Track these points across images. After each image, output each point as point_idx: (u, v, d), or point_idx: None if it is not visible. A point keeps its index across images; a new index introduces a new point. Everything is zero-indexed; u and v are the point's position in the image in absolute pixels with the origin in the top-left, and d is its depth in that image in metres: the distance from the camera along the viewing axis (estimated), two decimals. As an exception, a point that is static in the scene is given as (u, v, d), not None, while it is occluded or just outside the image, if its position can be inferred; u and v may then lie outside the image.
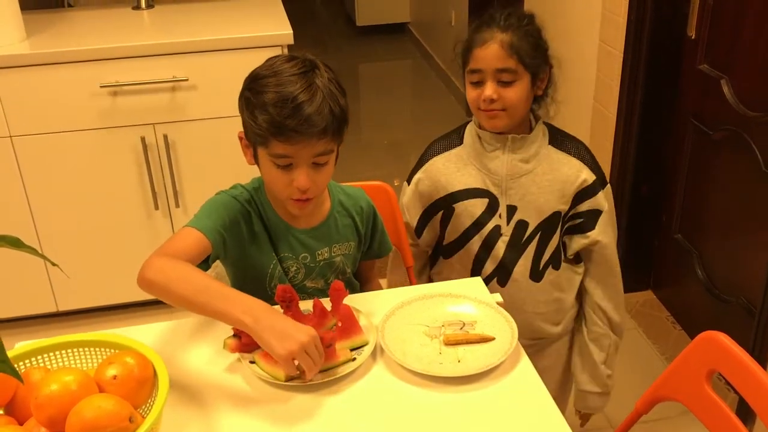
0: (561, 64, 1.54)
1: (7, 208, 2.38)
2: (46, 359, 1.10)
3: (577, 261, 1.66)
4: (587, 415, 1.77)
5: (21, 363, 1.08)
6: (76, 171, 2.39)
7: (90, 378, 1.00)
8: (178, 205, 2.51)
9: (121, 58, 2.29)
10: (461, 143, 1.59)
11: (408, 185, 1.64)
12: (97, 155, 2.39)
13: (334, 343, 1.20)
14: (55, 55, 2.25)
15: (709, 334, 1.21)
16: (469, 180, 1.56)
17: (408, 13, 5.81)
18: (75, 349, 1.11)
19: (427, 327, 1.30)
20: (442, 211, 1.61)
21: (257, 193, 1.38)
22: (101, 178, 2.42)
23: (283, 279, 1.39)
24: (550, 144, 1.56)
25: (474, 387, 1.17)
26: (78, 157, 2.37)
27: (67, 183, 2.40)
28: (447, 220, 1.61)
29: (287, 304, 1.24)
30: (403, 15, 5.81)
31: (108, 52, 2.28)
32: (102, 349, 1.11)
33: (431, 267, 1.75)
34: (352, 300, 1.35)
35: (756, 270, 2.00)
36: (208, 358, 1.24)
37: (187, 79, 2.34)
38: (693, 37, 2.25)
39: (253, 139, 1.28)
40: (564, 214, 1.58)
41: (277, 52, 2.32)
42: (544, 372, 1.70)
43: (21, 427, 1.00)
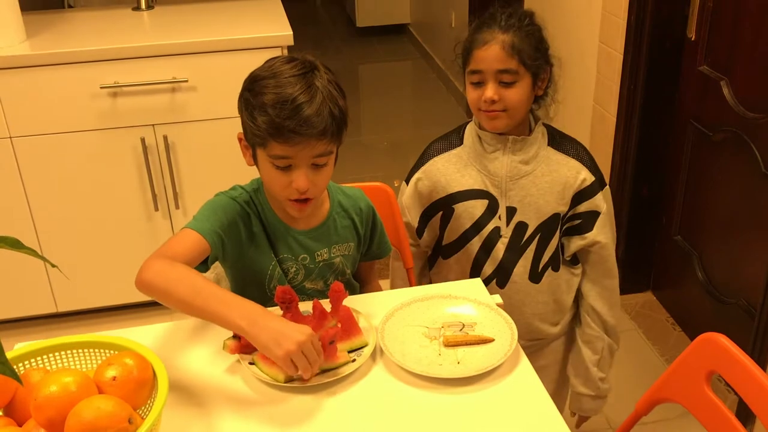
0: (561, 64, 1.54)
1: (6, 208, 2.38)
2: (46, 360, 1.10)
3: (574, 262, 1.65)
4: (583, 418, 1.77)
5: (20, 364, 1.08)
6: (76, 172, 2.39)
7: (89, 379, 1.00)
8: (177, 206, 2.51)
9: (121, 59, 2.29)
10: (461, 144, 1.58)
11: (407, 184, 1.64)
12: (97, 156, 2.39)
13: (336, 339, 1.20)
14: (55, 56, 2.25)
15: (709, 336, 1.21)
16: (469, 181, 1.56)
17: (408, 14, 5.81)
18: (74, 350, 1.11)
19: (426, 328, 1.30)
20: (441, 212, 1.61)
21: (256, 194, 1.38)
22: (101, 179, 2.42)
23: (282, 280, 1.39)
24: (549, 145, 1.56)
25: (473, 388, 1.17)
26: (78, 158, 2.37)
27: (66, 184, 2.40)
28: (446, 220, 1.61)
29: (287, 306, 1.24)
30: (403, 16, 5.81)
31: (108, 53, 2.28)
32: (101, 350, 1.11)
33: (430, 267, 1.75)
34: (352, 301, 1.35)
35: (756, 271, 1.99)
36: (207, 360, 1.24)
37: (187, 80, 2.34)
38: (693, 38, 2.25)
39: (252, 140, 1.28)
40: (563, 216, 1.58)
41: (277, 54, 2.32)
42: (541, 371, 1.70)
43: (20, 428, 1.00)
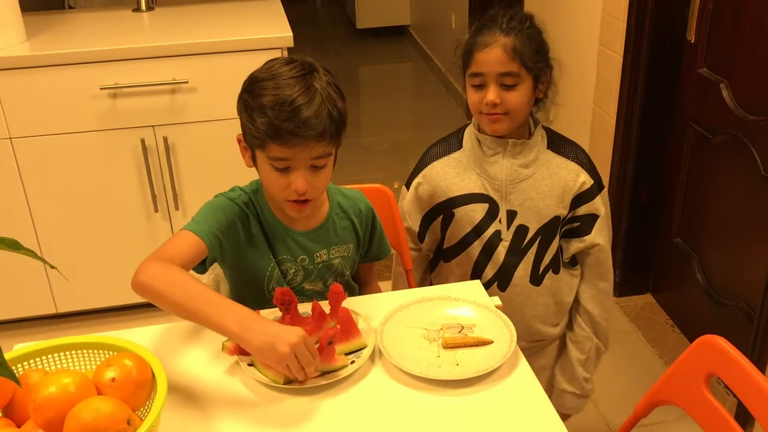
0: (561, 67, 1.54)
1: (6, 209, 2.38)
2: (45, 361, 1.10)
3: (573, 264, 1.66)
4: (565, 415, 1.78)
5: (19, 365, 1.08)
6: (76, 173, 2.39)
7: (88, 380, 1.00)
8: (177, 207, 2.51)
9: (121, 60, 2.29)
10: (460, 147, 1.58)
11: (407, 189, 1.64)
12: (97, 157, 2.39)
13: (335, 340, 1.20)
14: (55, 56, 2.25)
15: (708, 338, 1.21)
16: (469, 185, 1.56)
17: (408, 16, 5.81)
18: (73, 351, 1.11)
19: (425, 330, 1.30)
20: (442, 216, 1.61)
21: (255, 196, 1.38)
22: (101, 180, 2.42)
23: (281, 281, 1.39)
24: (548, 148, 1.56)
25: (472, 390, 1.17)
26: (77, 159, 2.37)
27: (66, 185, 2.40)
28: (447, 224, 1.61)
29: (286, 307, 1.23)
30: (403, 18, 5.82)
31: (108, 54, 2.28)
32: (100, 351, 1.11)
33: (431, 270, 1.75)
34: (351, 303, 1.35)
35: (755, 274, 1.99)
36: (206, 361, 1.24)
37: (187, 82, 2.34)
38: (693, 40, 2.25)
39: (251, 141, 1.28)
40: (562, 219, 1.58)
41: (277, 55, 2.31)
42: (541, 371, 1.70)
43: (19, 429, 1.00)
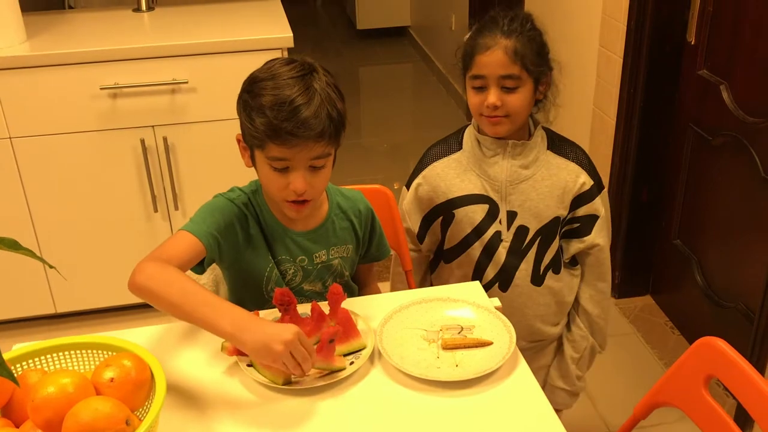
0: (561, 68, 1.54)
1: (6, 209, 2.38)
2: (44, 361, 1.10)
3: (573, 263, 1.66)
4: (556, 411, 1.78)
5: (18, 365, 1.07)
6: (76, 173, 2.39)
7: (87, 380, 1.00)
8: (177, 207, 2.51)
9: (121, 60, 2.29)
10: (460, 148, 1.58)
11: (407, 190, 1.64)
12: (97, 157, 2.39)
13: (336, 338, 1.20)
14: (55, 56, 2.24)
15: (708, 340, 1.21)
16: (469, 186, 1.56)
17: (408, 17, 5.81)
18: (72, 351, 1.11)
19: (425, 331, 1.30)
20: (442, 217, 1.61)
21: (255, 196, 1.38)
22: (100, 180, 2.42)
23: (280, 282, 1.39)
24: (548, 149, 1.56)
25: (471, 391, 1.17)
26: (77, 159, 2.37)
27: (66, 185, 2.40)
28: (447, 225, 1.61)
29: (285, 308, 1.23)
30: (403, 19, 5.82)
31: (108, 54, 2.28)
32: (99, 351, 1.11)
33: (432, 271, 1.75)
34: (351, 303, 1.35)
35: (755, 276, 1.99)
36: (205, 361, 1.24)
37: (187, 82, 2.34)
38: (693, 42, 2.25)
39: (250, 141, 1.28)
40: (562, 219, 1.58)
41: (277, 55, 2.31)
42: (541, 371, 1.70)
43: (17, 429, 0.99)
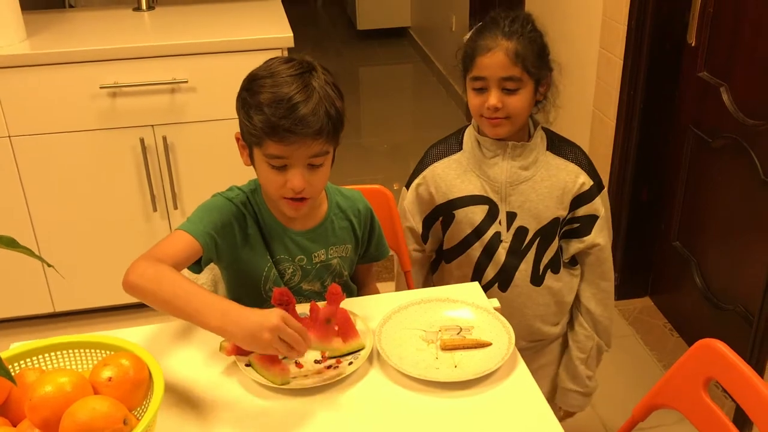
0: (561, 69, 1.54)
1: (5, 208, 2.38)
2: (42, 360, 1.09)
3: (573, 264, 1.66)
4: (569, 413, 1.78)
5: (16, 364, 1.07)
6: (75, 172, 2.39)
7: (85, 379, 1.00)
8: (176, 207, 2.51)
9: (121, 59, 2.29)
10: (461, 149, 1.58)
11: (407, 190, 1.64)
12: (96, 156, 2.38)
13: (333, 318, 1.19)
14: (55, 55, 2.24)
15: (707, 342, 1.21)
16: (469, 187, 1.56)
17: (409, 17, 5.82)
18: (70, 351, 1.10)
19: (424, 332, 1.30)
20: (442, 218, 1.61)
21: (254, 195, 1.38)
22: (100, 180, 2.42)
23: (278, 282, 1.39)
24: (548, 150, 1.56)
25: (470, 392, 1.17)
26: (77, 158, 2.37)
27: (65, 184, 2.40)
28: (447, 225, 1.61)
29: (284, 308, 1.23)
30: (403, 19, 5.82)
31: (108, 53, 2.28)
32: (97, 350, 1.10)
33: (433, 272, 1.75)
34: (349, 304, 1.35)
35: (754, 278, 1.99)
36: (203, 361, 1.24)
37: (186, 81, 2.34)
38: (693, 44, 2.25)
39: (248, 139, 1.28)
40: (562, 219, 1.58)
41: (277, 55, 2.31)
42: (541, 370, 1.70)
43: (15, 428, 0.99)
